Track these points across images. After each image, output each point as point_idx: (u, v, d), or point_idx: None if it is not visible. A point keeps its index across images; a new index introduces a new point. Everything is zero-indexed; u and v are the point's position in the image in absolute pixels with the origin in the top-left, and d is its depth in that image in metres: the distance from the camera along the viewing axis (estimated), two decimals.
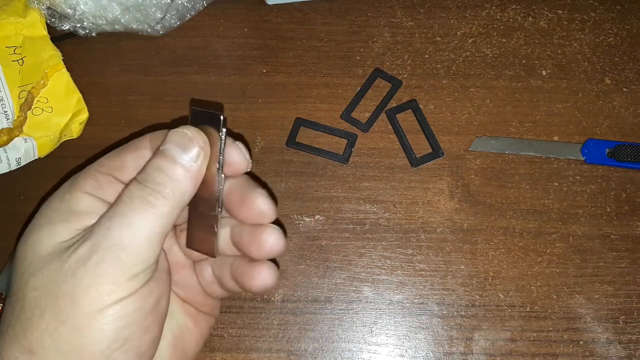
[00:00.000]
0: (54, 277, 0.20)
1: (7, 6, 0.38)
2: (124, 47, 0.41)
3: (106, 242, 0.20)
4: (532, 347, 0.34)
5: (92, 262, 0.20)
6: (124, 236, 0.20)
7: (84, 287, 0.20)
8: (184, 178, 0.22)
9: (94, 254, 0.20)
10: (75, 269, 0.20)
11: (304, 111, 0.40)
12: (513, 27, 0.42)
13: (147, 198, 0.21)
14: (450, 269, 0.36)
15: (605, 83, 0.40)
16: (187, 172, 0.22)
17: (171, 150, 0.22)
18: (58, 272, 0.20)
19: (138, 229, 0.21)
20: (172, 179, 0.22)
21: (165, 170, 0.22)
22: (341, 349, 0.35)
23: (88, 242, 0.21)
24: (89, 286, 0.20)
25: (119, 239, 0.20)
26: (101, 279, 0.20)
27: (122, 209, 0.21)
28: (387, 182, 0.38)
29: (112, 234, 0.21)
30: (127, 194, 0.22)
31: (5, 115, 0.37)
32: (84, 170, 0.24)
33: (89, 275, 0.20)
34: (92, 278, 0.20)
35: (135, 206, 0.21)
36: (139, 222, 0.21)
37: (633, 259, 0.36)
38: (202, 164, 0.22)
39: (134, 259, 0.21)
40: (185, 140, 0.22)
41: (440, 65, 0.41)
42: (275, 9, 0.42)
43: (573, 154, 0.38)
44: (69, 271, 0.20)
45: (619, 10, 0.42)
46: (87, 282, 0.20)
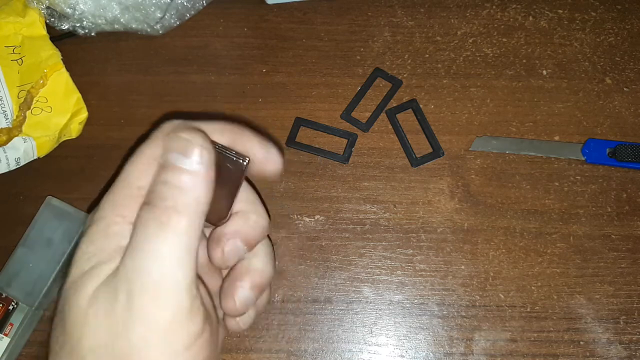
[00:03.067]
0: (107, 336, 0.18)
1: (6, 6, 0.38)
2: (123, 46, 0.41)
3: (137, 283, 0.18)
4: (533, 348, 0.34)
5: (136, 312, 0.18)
6: (152, 271, 0.18)
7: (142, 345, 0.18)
8: (194, 184, 0.19)
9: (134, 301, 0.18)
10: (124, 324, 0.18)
11: (304, 111, 0.40)
12: (514, 27, 0.42)
13: (160, 219, 0.19)
14: (451, 269, 0.36)
15: (606, 83, 0.40)
16: (195, 177, 0.19)
17: (171, 158, 0.20)
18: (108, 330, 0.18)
19: (165, 258, 0.18)
20: (181, 190, 0.19)
21: (170, 182, 0.19)
22: (341, 349, 0.35)
23: (122, 289, 0.18)
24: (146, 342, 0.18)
25: (149, 276, 0.18)
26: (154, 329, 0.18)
27: (139, 241, 0.19)
28: (387, 182, 0.38)
29: (139, 272, 0.18)
30: (140, 221, 0.19)
31: (4, 115, 0.37)
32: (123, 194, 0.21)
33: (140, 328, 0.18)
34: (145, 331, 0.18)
35: (151, 233, 0.19)
36: (160, 250, 0.18)
37: (634, 259, 0.36)
38: (208, 164, 0.20)
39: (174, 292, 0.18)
40: (183, 144, 0.20)
41: (440, 65, 0.41)
42: (275, 8, 0.42)
43: (574, 153, 0.38)
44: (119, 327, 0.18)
45: (619, 9, 0.42)
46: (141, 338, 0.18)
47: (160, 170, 0.20)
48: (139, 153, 0.21)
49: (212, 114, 0.40)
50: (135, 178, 0.21)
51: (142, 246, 0.19)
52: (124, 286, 0.18)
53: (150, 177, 0.20)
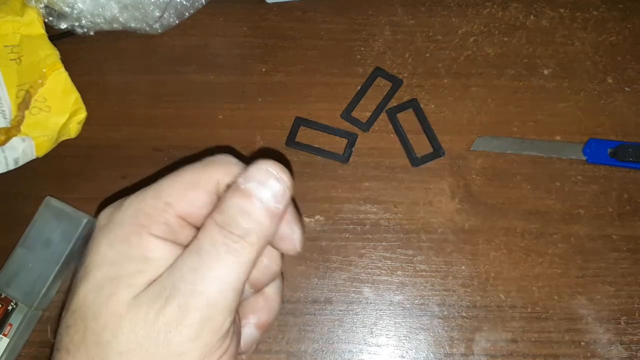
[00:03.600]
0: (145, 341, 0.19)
1: (5, 5, 0.38)
2: (122, 45, 0.41)
3: (195, 301, 0.19)
4: (534, 348, 0.34)
5: (184, 326, 0.18)
6: (212, 292, 0.19)
7: (178, 354, 0.19)
8: (270, 222, 0.20)
9: (186, 315, 0.18)
10: (166, 333, 0.18)
11: (304, 110, 0.39)
12: (515, 26, 0.41)
13: (233, 246, 0.19)
14: (451, 270, 0.36)
15: (608, 82, 0.40)
16: (273, 215, 0.20)
17: (255, 190, 0.20)
18: (147, 336, 0.19)
19: (226, 283, 0.19)
20: (258, 223, 0.19)
21: (250, 213, 0.19)
22: (341, 350, 0.35)
23: (174, 302, 0.19)
24: (183, 353, 0.19)
25: (208, 297, 0.19)
26: (194, 344, 0.19)
27: (205, 260, 0.19)
28: (388, 182, 0.38)
29: (199, 290, 0.19)
30: (209, 240, 0.19)
31: (2, 114, 0.37)
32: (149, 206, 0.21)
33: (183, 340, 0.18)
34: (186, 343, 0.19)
35: (221, 256, 0.19)
36: (226, 275, 0.19)
37: (635, 260, 0.36)
38: (287, 204, 0.20)
39: (224, 315, 0.19)
40: (269, 178, 0.20)
41: (441, 64, 0.40)
42: (275, 7, 0.42)
43: (575, 153, 0.38)
44: (160, 335, 0.19)
45: (621, 9, 0.42)
46: (180, 349, 0.19)
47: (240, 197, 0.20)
48: (180, 174, 0.21)
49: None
50: (167, 194, 0.21)
51: (208, 265, 0.19)
52: (178, 300, 0.19)
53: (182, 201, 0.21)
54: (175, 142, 0.38)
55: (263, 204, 0.20)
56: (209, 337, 0.19)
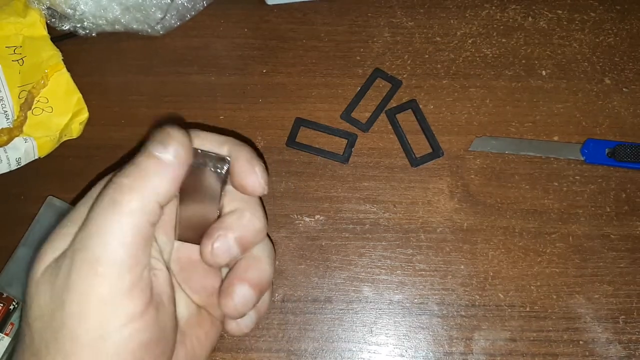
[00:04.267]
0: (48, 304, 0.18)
1: (7, 6, 0.38)
2: (124, 47, 0.41)
3: (79, 256, 0.18)
4: (532, 347, 0.34)
5: (72, 284, 0.18)
6: (95, 246, 0.18)
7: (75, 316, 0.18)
8: (157, 172, 0.20)
9: (72, 273, 0.18)
10: (61, 294, 0.18)
11: (304, 111, 0.40)
12: (513, 27, 0.42)
13: (114, 196, 0.19)
14: (450, 269, 0.36)
15: (605, 83, 0.40)
16: (162, 166, 0.20)
17: (150, 146, 0.20)
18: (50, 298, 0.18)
19: (109, 234, 0.18)
20: (145, 173, 0.19)
21: (138, 164, 0.20)
22: (341, 348, 0.35)
23: (66, 261, 0.18)
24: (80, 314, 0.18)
25: (91, 251, 0.18)
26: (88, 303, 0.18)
27: (91, 214, 0.19)
28: (387, 182, 0.38)
29: (84, 244, 0.18)
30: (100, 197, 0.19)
31: (5, 115, 0.37)
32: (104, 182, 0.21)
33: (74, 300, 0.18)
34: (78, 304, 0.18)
35: (103, 207, 0.19)
36: (108, 226, 0.18)
37: (633, 259, 0.36)
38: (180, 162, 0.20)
39: (114, 271, 0.18)
40: (165, 136, 0.20)
41: (440, 66, 0.41)
42: (275, 9, 0.42)
43: (573, 154, 0.38)
44: (57, 297, 0.18)
45: (618, 10, 0.42)
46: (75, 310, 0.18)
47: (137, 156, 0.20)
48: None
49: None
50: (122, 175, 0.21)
51: (92, 220, 0.19)
52: (68, 260, 0.19)
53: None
54: None
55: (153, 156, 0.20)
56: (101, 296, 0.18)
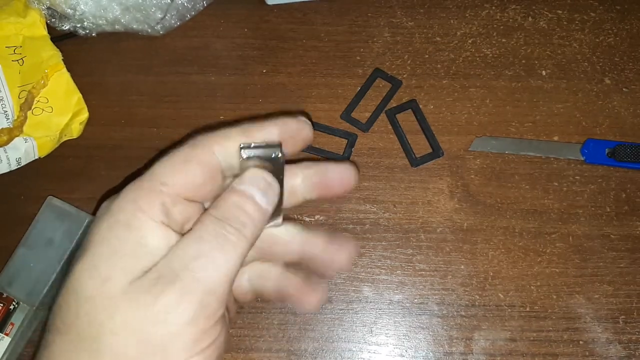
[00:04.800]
0: (140, 323, 0.19)
1: (7, 6, 0.38)
2: (124, 47, 0.41)
3: (194, 286, 0.20)
4: (532, 347, 0.34)
5: (182, 309, 0.19)
6: (211, 280, 0.20)
7: (174, 335, 0.19)
8: (260, 220, 0.22)
9: (184, 299, 0.20)
10: (165, 315, 0.19)
11: (304, 111, 0.40)
12: (513, 27, 0.42)
13: (230, 238, 0.21)
14: (450, 269, 0.36)
15: (605, 83, 0.40)
16: (263, 215, 0.22)
17: (252, 192, 0.22)
18: (144, 318, 0.19)
19: (223, 272, 0.20)
20: (252, 220, 0.22)
21: (246, 210, 0.22)
22: (341, 348, 0.35)
23: (173, 286, 0.20)
24: (179, 334, 0.19)
25: (207, 284, 0.20)
26: (191, 328, 0.20)
27: (204, 248, 0.20)
28: (387, 182, 0.38)
29: (199, 277, 0.20)
30: (207, 230, 0.21)
31: (5, 115, 0.37)
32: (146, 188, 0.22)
33: (180, 322, 0.19)
34: (182, 326, 0.19)
35: (221, 246, 0.21)
36: (223, 264, 0.20)
37: (633, 259, 0.36)
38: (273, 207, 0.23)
39: (219, 303, 0.20)
40: (265, 186, 0.23)
41: (440, 66, 0.41)
42: (275, 9, 0.42)
43: (573, 154, 0.38)
44: (159, 317, 0.19)
45: (618, 10, 0.42)
46: (177, 330, 0.19)
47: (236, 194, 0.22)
48: (171, 154, 0.23)
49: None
50: (161, 174, 0.22)
51: (207, 253, 0.20)
52: (178, 285, 0.20)
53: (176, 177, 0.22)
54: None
55: (258, 205, 0.22)
56: (204, 322, 0.20)
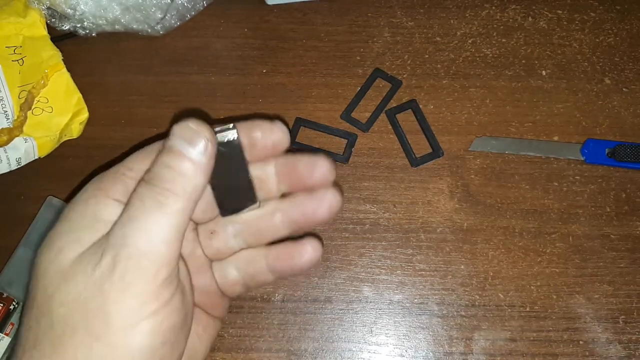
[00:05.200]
0: (82, 292, 0.20)
1: (7, 6, 0.38)
2: (124, 47, 0.41)
3: (125, 251, 0.20)
4: (532, 347, 0.34)
5: (116, 275, 0.20)
6: (141, 242, 0.20)
7: (113, 302, 0.19)
8: (194, 173, 0.21)
9: (117, 265, 0.20)
10: (101, 284, 0.20)
11: (304, 111, 0.40)
12: (513, 27, 0.42)
13: (158, 198, 0.20)
14: (450, 269, 0.36)
15: (605, 83, 0.40)
16: (197, 167, 0.21)
17: (177, 145, 0.21)
18: (85, 286, 0.20)
19: (154, 233, 0.20)
20: (182, 175, 0.21)
21: (173, 167, 0.21)
22: (341, 348, 0.35)
23: (108, 254, 0.20)
24: (119, 300, 0.19)
25: (137, 247, 0.20)
26: (129, 292, 0.20)
27: (134, 214, 0.20)
28: (387, 182, 0.38)
29: (128, 242, 0.20)
30: (137, 196, 0.21)
31: (5, 115, 0.37)
32: (111, 172, 0.22)
33: (116, 288, 0.19)
34: (120, 291, 0.19)
35: (147, 208, 0.20)
36: (153, 226, 0.20)
37: (633, 259, 0.36)
38: (210, 156, 0.21)
39: (156, 264, 0.20)
40: (191, 134, 0.21)
41: (440, 66, 0.41)
42: (275, 9, 0.42)
43: (573, 154, 0.38)
44: (96, 286, 0.20)
45: (618, 10, 0.42)
46: (115, 296, 0.19)
47: (164, 154, 0.21)
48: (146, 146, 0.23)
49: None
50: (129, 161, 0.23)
51: (136, 219, 0.20)
52: (111, 252, 0.20)
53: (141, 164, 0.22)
54: None
55: (185, 156, 0.21)
56: (142, 286, 0.20)
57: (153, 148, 0.23)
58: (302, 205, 0.25)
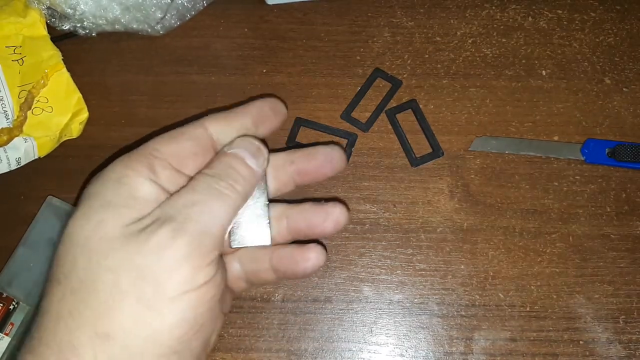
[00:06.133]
0: (135, 259, 0.20)
1: (7, 6, 0.38)
2: (124, 47, 0.41)
3: (190, 226, 0.21)
4: (532, 347, 0.34)
5: (177, 245, 0.21)
6: (206, 222, 0.22)
7: (168, 270, 0.20)
8: (252, 178, 0.25)
9: (178, 237, 0.21)
10: (158, 251, 0.21)
11: (304, 111, 0.40)
12: (513, 27, 0.42)
13: (224, 191, 0.23)
14: (450, 269, 0.36)
15: (605, 83, 0.40)
16: (253, 175, 0.25)
17: (242, 153, 0.25)
18: (138, 254, 0.21)
19: (218, 217, 0.22)
20: (244, 178, 0.24)
21: (238, 170, 0.24)
22: (341, 348, 0.35)
23: (168, 226, 0.21)
24: (173, 269, 0.21)
25: (202, 224, 0.22)
26: (185, 263, 0.21)
27: (201, 198, 0.23)
28: (387, 182, 0.38)
29: (195, 219, 0.22)
30: (202, 184, 0.23)
31: (5, 115, 0.37)
32: (138, 154, 0.24)
33: (174, 258, 0.21)
34: (177, 261, 0.21)
35: (214, 196, 0.23)
36: (218, 211, 0.23)
37: (633, 259, 0.36)
38: (263, 170, 0.26)
39: (212, 244, 0.22)
40: (254, 149, 0.25)
41: (440, 65, 0.41)
42: (275, 9, 0.42)
43: (573, 153, 0.38)
44: (152, 253, 0.21)
45: (618, 10, 0.42)
46: (171, 265, 0.21)
47: (228, 156, 0.25)
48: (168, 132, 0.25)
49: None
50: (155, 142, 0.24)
51: (202, 202, 0.23)
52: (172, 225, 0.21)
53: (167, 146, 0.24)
54: None
55: (248, 164, 0.25)
56: (198, 259, 0.21)
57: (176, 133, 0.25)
58: (309, 216, 0.27)
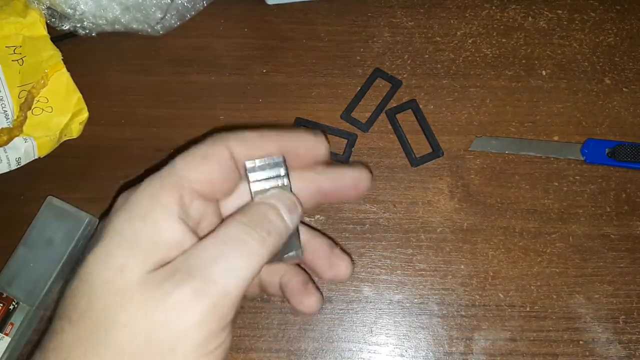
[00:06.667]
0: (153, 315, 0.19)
1: (7, 6, 0.39)
2: (124, 47, 0.41)
3: (210, 287, 0.20)
4: (532, 347, 0.34)
5: (197, 308, 0.19)
6: (227, 283, 0.20)
7: (184, 334, 0.19)
8: (282, 234, 0.23)
9: (200, 299, 0.19)
10: (178, 310, 0.19)
11: (304, 111, 0.40)
12: (513, 27, 0.42)
13: (253, 243, 0.21)
14: (450, 269, 0.36)
15: (605, 83, 0.40)
16: (286, 230, 0.23)
17: (279, 206, 0.23)
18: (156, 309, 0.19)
19: (241, 277, 0.20)
20: (276, 230, 0.22)
21: (272, 221, 0.23)
22: (341, 348, 0.35)
23: (188, 285, 0.19)
24: (188, 334, 0.19)
25: (223, 286, 0.20)
26: (201, 327, 0.19)
27: (225, 251, 0.21)
28: (387, 182, 0.38)
29: (216, 279, 0.20)
30: (233, 233, 0.21)
31: (5, 115, 0.37)
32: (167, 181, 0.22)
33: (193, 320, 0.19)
34: (194, 324, 0.19)
35: (240, 250, 0.21)
36: (242, 269, 0.21)
37: (633, 259, 0.36)
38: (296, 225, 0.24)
39: (231, 306, 0.20)
40: (291, 204, 0.24)
41: (440, 65, 0.41)
42: (275, 9, 0.42)
43: (573, 153, 0.38)
44: (170, 314, 0.19)
45: (618, 10, 0.42)
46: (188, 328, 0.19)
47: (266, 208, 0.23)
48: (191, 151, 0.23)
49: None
50: (182, 169, 0.22)
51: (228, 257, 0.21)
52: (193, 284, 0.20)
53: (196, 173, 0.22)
54: (176, 143, 0.39)
55: (284, 219, 0.23)
56: (215, 324, 0.20)
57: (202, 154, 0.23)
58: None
